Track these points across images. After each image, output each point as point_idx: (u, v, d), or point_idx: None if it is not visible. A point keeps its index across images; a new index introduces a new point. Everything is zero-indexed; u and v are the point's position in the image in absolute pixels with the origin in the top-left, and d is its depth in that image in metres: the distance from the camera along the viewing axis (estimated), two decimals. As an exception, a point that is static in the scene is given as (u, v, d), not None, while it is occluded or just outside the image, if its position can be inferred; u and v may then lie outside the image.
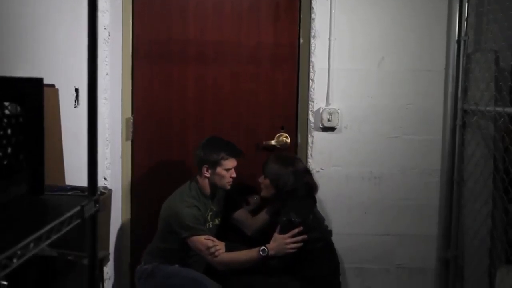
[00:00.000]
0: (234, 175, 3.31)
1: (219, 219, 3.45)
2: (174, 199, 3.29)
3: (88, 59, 1.59)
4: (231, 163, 3.29)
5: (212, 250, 3.15)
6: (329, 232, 3.29)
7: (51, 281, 1.76)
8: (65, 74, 2.82)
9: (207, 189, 3.33)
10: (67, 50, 2.84)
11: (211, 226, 3.36)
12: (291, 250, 3.06)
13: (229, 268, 3.19)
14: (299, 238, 3.06)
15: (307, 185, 3.24)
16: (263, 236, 3.31)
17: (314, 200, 3.32)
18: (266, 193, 3.32)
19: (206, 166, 3.27)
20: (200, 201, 3.29)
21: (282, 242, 3.08)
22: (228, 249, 3.21)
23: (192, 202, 3.24)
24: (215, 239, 3.21)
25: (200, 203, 3.28)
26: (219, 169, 3.26)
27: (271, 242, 3.11)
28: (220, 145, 3.31)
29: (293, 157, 3.47)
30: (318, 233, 3.14)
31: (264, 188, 3.32)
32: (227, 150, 3.29)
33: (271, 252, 3.08)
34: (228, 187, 3.33)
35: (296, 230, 3.06)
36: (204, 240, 3.17)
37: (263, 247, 3.09)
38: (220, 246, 3.19)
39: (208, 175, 3.28)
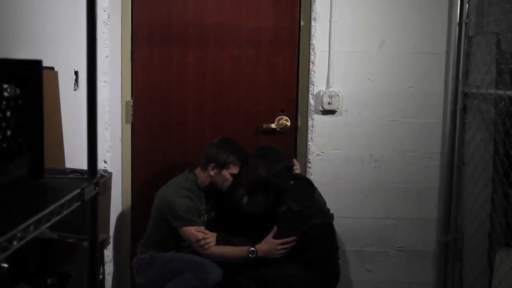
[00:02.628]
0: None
1: (214, 212, 3.46)
2: (168, 189, 3.31)
3: (87, 42, 1.58)
4: (238, 169, 3.29)
5: (202, 242, 3.18)
6: (331, 216, 3.30)
7: (52, 263, 1.76)
8: (64, 57, 2.80)
9: (205, 184, 3.33)
10: (67, 32, 2.82)
11: (206, 219, 3.38)
12: (279, 255, 3.13)
13: (217, 261, 3.20)
14: (289, 246, 3.12)
15: (286, 168, 3.23)
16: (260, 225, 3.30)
17: (312, 186, 3.32)
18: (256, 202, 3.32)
19: (213, 165, 3.26)
20: (194, 193, 3.30)
21: (273, 247, 3.13)
22: (221, 240, 3.23)
23: (186, 193, 3.26)
24: (206, 231, 3.23)
25: (194, 195, 3.29)
26: (225, 172, 3.27)
27: (263, 244, 3.15)
28: (233, 148, 3.30)
29: (261, 149, 3.35)
30: (319, 219, 3.16)
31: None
32: (238, 157, 3.27)
33: (260, 254, 3.13)
34: (225, 189, 3.33)
35: (290, 239, 3.11)
36: (194, 232, 3.20)
37: (252, 248, 3.14)
38: (211, 239, 3.21)
39: (212, 174, 3.28)
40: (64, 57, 2.80)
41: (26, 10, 2.35)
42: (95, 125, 1.64)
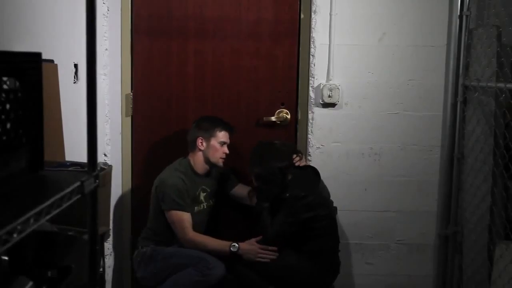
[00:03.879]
0: (227, 151, 3.34)
1: (213, 200, 3.46)
2: (162, 174, 3.35)
3: (86, 34, 1.58)
4: (224, 136, 3.33)
5: (186, 225, 3.22)
6: (335, 209, 3.31)
7: (52, 256, 1.76)
8: (64, 50, 2.80)
9: (200, 166, 3.36)
10: (66, 25, 2.82)
11: (205, 207, 3.39)
12: (258, 260, 3.18)
13: (195, 249, 3.23)
14: (269, 254, 3.19)
15: (280, 169, 3.20)
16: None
17: (317, 175, 3.31)
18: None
19: (200, 138, 3.32)
20: (188, 176, 3.31)
21: (255, 251, 3.19)
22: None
23: (179, 175, 3.29)
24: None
25: (187, 178, 3.30)
26: (213, 141, 3.30)
27: (246, 244, 3.20)
28: (214, 119, 3.39)
29: (264, 145, 3.33)
30: (324, 210, 3.17)
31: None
32: (221, 124, 3.35)
33: (240, 252, 3.18)
34: (221, 163, 3.35)
35: (271, 248, 3.18)
36: (180, 217, 3.22)
37: (234, 243, 3.18)
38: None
39: (202, 148, 3.32)
40: (64, 50, 2.80)
41: (26, 3, 2.34)
42: (95, 118, 1.63)
